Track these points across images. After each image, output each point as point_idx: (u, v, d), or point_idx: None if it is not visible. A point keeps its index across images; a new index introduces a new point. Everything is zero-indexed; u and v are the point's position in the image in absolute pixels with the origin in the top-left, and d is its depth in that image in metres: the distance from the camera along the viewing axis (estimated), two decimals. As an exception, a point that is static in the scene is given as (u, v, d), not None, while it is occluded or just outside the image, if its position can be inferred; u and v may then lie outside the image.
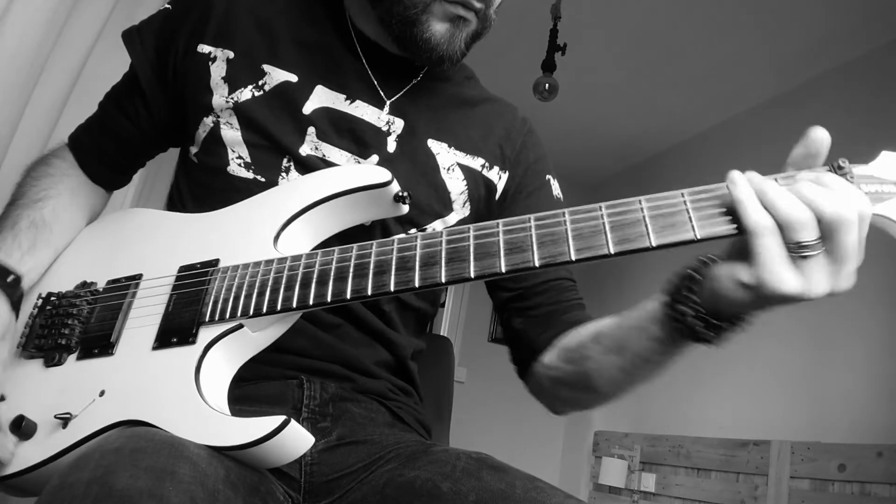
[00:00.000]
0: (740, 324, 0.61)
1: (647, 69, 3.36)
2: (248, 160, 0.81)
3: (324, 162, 0.82)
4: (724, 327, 0.61)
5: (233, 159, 0.82)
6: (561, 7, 2.88)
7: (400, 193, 0.75)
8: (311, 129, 0.82)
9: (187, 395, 0.62)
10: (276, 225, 0.73)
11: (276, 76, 0.84)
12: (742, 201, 0.54)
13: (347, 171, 0.76)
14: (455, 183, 0.87)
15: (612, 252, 0.58)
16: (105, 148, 0.92)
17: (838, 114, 2.91)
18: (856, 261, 0.53)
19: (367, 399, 0.82)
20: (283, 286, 0.66)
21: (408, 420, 0.86)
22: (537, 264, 0.60)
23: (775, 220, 0.53)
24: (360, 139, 0.84)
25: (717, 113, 3.61)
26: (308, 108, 0.83)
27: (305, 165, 0.81)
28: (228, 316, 0.66)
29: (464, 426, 1.76)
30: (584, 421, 3.98)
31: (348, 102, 0.85)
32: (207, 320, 0.67)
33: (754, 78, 3.26)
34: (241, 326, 0.66)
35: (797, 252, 0.52)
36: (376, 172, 0.74)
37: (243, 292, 0.67)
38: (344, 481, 0.73)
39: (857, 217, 0.52)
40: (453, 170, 0.88)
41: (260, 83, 0.83)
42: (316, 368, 0.79)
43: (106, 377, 0.67)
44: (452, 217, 0.87)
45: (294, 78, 0.84)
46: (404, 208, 0.76)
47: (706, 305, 0.60)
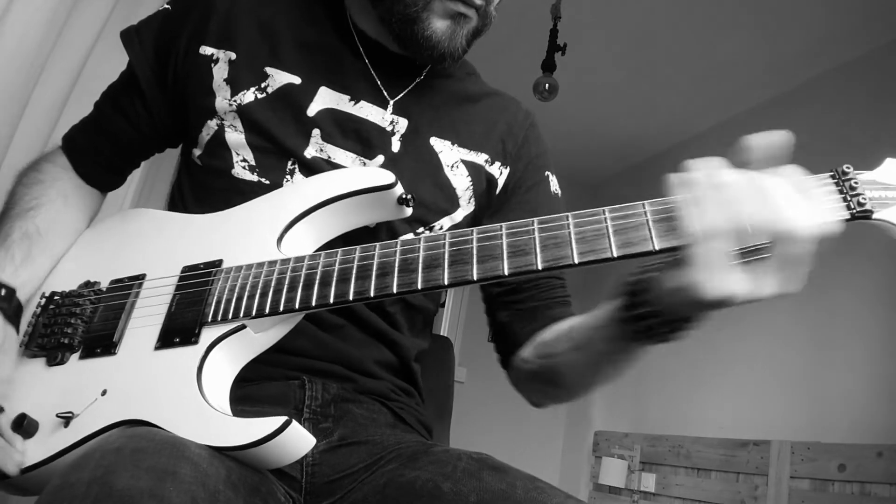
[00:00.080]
0: (693, 324, 0.61)
1: (647, 69, 3.36)
2: (253, 163, 0.81)
3: (329, 163, 0.82)
4: (676, 328, 0.61)
5: (237, 162, 0.82)
6: (561, 7, 2.88)
7: (404, 196, 0.75)
8: (316, 131, 0.82)
9: (189, 396, 0.62)
10: (280, 226, 0.73)
11: (279, 78, 0.83)
12: (682, 209, 0.54)
13: (351, 174, 0.77)
14: (460, 180, 0.88)
15: (616, 256, 0.58)
16: (101, 149, 0.91)
17: (838, 114, 2.92)
18: (806, 265, 0.52)
19: (369, 400, 0.82)
20: (286, 287, 0.66)
21: (409, 421, 0.86)
22: (540, 267, 0.60)
23: (717, 228, 0.52)
24: (366, 140, 0.84)
25: (717, 113, 3.61)
26: (312, 110, 0.83)
27: (310, 168, 0.81)
28: (231, 316, 0.66)
29: (464, 426, 1.76)
30: (584, 421, 3.98)
31: (352, 103, 0.85)
32: (210, 321, 0.67)
33: (754, 78, 3.26)
34: (244, 327, 0.67)
35: (744, 256, 0.52)
36: (380, 175, 0.75)
37: (246, 293, 0.67)
38: (345, 482, 0.73)
39: (804, 229, 0.51)
40: (457, 167, 0.88)
41: (262, 85, 0.83)
42: (318, 369, 0.79)
43: (108, 377, 0.67)
44: (459, 213, 0.88)
45: (297, 80, 0.84)
46: (408, 210, 0.76)
47: (657, 306, 0.60)
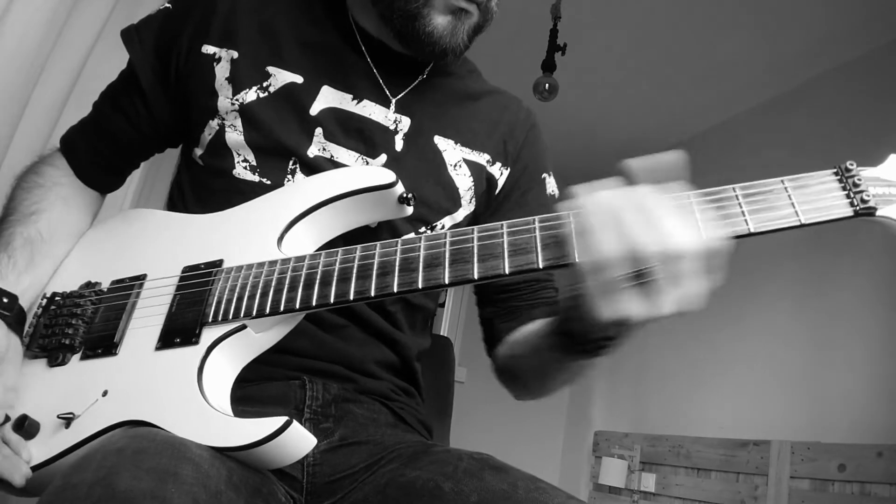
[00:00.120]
0: (616, 340, 0.64)
1: (647, 69, 3.36)
2: (254, 163, 0.81)
3: (332, 163, 0.82)
4: (602, 344, 0.65)
5: (238, 162, 0.81)
6: (561, 7, 2.88)
7: (405, 195, 0.75)
8: (319, 130, 0.82)
9: (190, 396, 0.62)
10: (280, 226, 0.73)
11: (281, 77, 0.83)
12: (571, 237, 0.57)
13: (352, 173, 0.76)
14: (462, 179, 0.88)
15: None
16: (100, 149, 0.90)
17: (838, 114, 2.91)
18: (701, 283, 0.53)
19: (369, 400, 0.82)
20: (287, 287, 0.66)
21: (409, 421, 0.86)
22: (541, 266, 0.60)
23: (605, 257, 0.54)
24: (369, 139, 0.84)
25: (717, 113, 3.61)
26: (315, 109, 0.83)
27: (312, 167, 0.81)
28: (231, 317, 0.66)
29: (464, 426, 1.76)
30: (584, 421, 3.98)
31: (355, 102, 0.85)
32: (210, 321, 0.67)
33: (754, 78, 3.26)
34: (245, 327, 0.67)
35: (639, 278, 0.53)
36: (381, 174, 0.75)
37: (246, 293, 0.67)
38: (346, 482, 0.73)
39: (687, 250, 0.53)
40: (460, 166, 0.88)
41: (265, 84, 0.83)
42: (318, 369, 0.78)
43: (109, 377, 0.67)
44: (460, 213, 0.88)
45: (299, 79, 0.83)
46: (408, 210, 0.76)
47: (582, 324, 0.62)
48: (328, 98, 0.84)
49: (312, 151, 0.82)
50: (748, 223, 0.57)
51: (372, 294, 0.64)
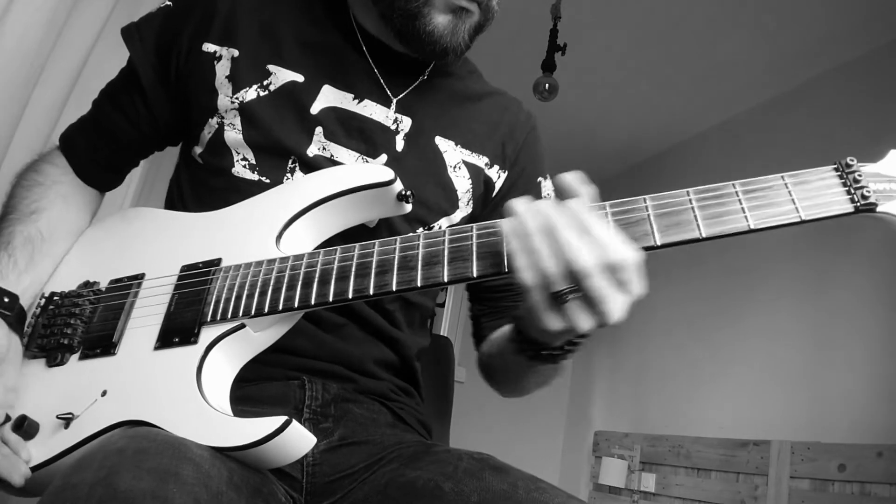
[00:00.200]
0: (564, 350, 0.66)
1: (647, 69, 3.36)
2: (254, 162, 0.81)
3: (331, 162, 0.82)
4: (553, 352, 0.66)
5: (238, 161, 0.81)
6: (561, 7, 2.88)
7: (403, 192, 0.75)
8: (319, 129, 0.82)
9: (189, 396, 0.62)
10: (279, 224, 0.73)
11: (282, 76, 0.83)
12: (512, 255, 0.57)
13: (350, 171, 0.76)
14: (461, 181, 0.88)
15: None
16: (99, 147, 0.90)
17: (838, 114, 2.91)
18: (616, 299, 0.54)
19: (369, 400, 0.82)
20: (285, 286, 0.66)
21: (409, 420, 0.86)
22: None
23: (547, 273, 0.55)
24: (370, 139, 0.84)
25: (717, 113, 3.61)
26: (315, 108, 0.83)
27: (311, 166, 0.81)
28: (230, 316, 0.66)
29: (464, 426, 1.76)
30: (584, 421, 3.98)
31: (356, 102, 0.85)
32: (209, 320, 0.67)
33: (754, 78, 3.26)
34: (243, 326, 0.66)
35: (559, 298, 0.55)
36: (379, 171, 0.74)
37: (245, 292, 0.67)
38: (346, 482, 0.73)
39: (600, 266, 0.53)
40: (459, 168, 0.88)
41: (265, 83, 0.83)
42: (318, 369, 0.78)
43: (108, 377, 0.67)
44: (457, 215, 0.88)
45: (300, 78, 0.83)
46: (407, 207, 0.76)
47: (539, 334, 0.64)
48: (329, 97, 0.84)
49: (312, 151, 0.81)
50: (748, 219, 0.57)
51: (371, 292, 0.64)
